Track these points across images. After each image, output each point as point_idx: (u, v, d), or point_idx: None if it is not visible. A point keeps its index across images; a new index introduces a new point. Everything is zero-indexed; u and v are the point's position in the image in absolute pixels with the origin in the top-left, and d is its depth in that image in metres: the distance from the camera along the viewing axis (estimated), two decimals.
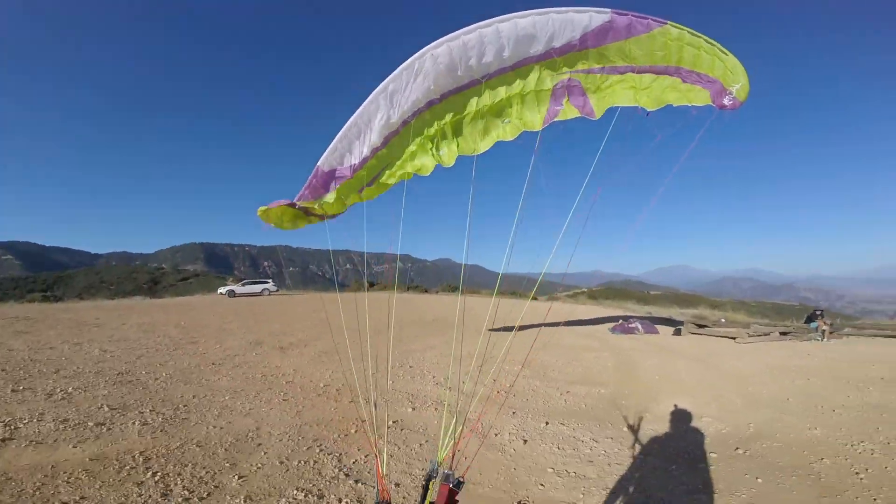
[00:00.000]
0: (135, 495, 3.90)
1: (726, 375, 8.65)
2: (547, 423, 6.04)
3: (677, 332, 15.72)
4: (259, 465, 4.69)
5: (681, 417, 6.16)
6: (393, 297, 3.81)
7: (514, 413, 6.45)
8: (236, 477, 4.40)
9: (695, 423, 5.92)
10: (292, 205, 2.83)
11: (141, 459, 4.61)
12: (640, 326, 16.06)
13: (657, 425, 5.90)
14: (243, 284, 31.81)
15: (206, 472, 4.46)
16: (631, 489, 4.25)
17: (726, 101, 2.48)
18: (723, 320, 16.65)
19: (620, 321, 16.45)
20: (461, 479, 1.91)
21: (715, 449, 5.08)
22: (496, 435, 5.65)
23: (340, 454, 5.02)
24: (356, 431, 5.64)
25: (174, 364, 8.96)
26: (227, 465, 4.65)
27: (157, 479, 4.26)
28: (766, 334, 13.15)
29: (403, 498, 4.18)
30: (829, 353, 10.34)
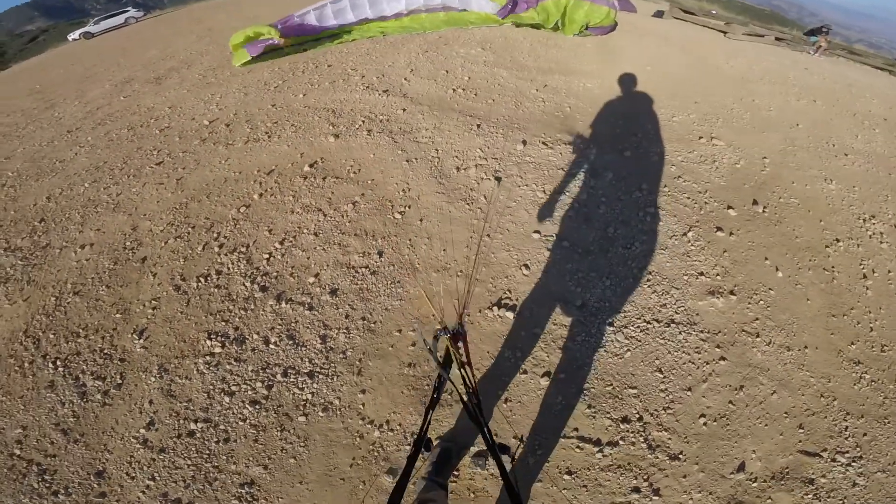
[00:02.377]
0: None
1: (726, 77, 7.00)
2: (525, 143, 4.22)
3: (658, 14, 12.83)
4: (152, 300, 2.81)
5: (692, 140, 4.71)
6: None
7: (478, 126, 4.40)
8: (137, 337, 2.63)
9: (709, 150, 4.55)
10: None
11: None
12: (615, 1, 12.63)
13: (672, 157, 4.41)
14: (97, 22, 26.40)
15: (105, 341, 2.63)
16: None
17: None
18: (714, 11, 13.70)
19: None
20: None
21: (733, 200, 3.94)
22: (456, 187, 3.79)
23: (247, 248, 3.06)
24: (262, 196, 3.38)
25: (24, 150, 5.64)
26: (121, 316, 2.76)
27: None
28: (760, 35, 11.03)
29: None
30: (824, 71, 8.93)
